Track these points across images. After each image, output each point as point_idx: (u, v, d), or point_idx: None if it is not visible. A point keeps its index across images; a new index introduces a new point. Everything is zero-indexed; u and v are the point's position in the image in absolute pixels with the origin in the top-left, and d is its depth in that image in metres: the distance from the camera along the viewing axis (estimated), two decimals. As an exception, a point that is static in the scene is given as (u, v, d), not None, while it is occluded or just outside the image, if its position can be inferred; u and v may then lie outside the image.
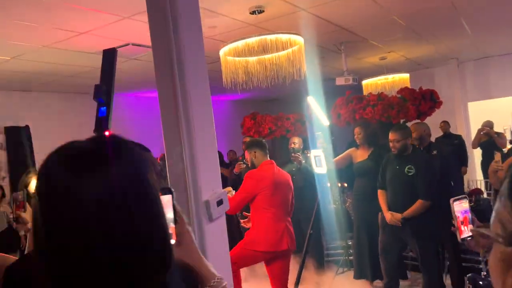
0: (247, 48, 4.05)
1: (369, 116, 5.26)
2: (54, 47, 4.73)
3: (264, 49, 4.12)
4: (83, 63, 5.43)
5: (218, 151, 6.74)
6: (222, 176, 6.40)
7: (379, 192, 4.18)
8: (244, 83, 4.47)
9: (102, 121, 1.88)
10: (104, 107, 1.90)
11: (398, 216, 3.92)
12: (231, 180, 5.90)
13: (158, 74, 1.71)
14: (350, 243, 5.38)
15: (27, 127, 6.62)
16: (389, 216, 3.99)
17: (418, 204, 3.86)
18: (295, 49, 4.22)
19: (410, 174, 3.94)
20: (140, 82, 7.07)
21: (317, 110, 5.01)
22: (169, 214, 0.92)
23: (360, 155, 4.80)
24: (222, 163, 6.33)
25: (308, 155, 4.86)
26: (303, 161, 5.05)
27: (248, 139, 5.91)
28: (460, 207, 1.96)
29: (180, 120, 1.59)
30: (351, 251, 5.24)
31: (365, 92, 6.36)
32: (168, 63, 1.64)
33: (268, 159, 3.97)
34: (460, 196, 1.99)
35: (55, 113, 6.93)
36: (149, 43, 1.81)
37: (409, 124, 4.98)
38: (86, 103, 6.49)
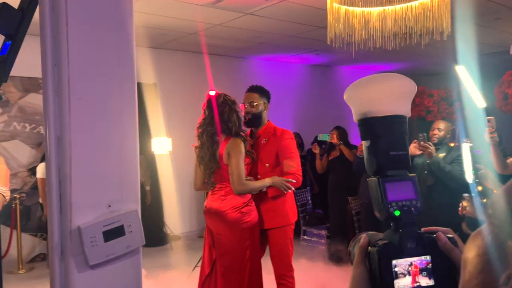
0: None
1: (552, 101, 3.62)
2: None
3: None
4: (189, 16, 4.87)
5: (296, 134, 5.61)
6: (342, 158, 5.35)
7: None
8: (362, 43, 3.39)
9: (1, 63, 1.22)
10: (9, 42, 1.22)
11: None
12: (355, 164, 4.90)
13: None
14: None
15: (154, 84, 6.56)
16: None
17: None
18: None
19: None
20: (265, 43, 6.36)
21: (469, 85, 3.60)
22: None
23: None
24: (347, 144, 5.30)
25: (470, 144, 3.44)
26: (440, 155, 3.75)
27: None
28: None
29: (46, 67, 0.80)
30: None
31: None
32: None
33: None
34: None
35: (180, 72, 6.77)
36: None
37: None
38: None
